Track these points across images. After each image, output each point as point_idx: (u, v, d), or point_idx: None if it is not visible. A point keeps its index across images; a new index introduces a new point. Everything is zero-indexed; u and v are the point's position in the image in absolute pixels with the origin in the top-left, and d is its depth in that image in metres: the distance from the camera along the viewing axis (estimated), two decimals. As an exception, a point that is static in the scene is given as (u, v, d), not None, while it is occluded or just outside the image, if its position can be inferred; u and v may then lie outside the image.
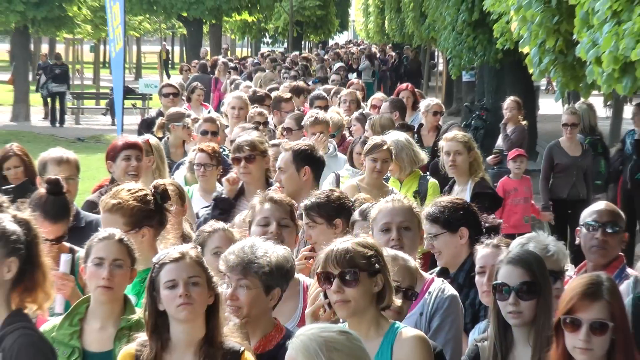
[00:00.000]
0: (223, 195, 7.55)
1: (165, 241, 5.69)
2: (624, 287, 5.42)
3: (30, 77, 37.67)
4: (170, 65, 44.46)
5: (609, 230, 5.72)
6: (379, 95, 14.23)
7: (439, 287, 5.28)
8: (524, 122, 13.63)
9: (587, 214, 5.80)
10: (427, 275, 5.43)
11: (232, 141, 8.82)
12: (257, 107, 11.54)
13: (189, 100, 13.88)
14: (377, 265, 4.30)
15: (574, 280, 4.39)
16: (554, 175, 11.64)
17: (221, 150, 9.06)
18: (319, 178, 7.49)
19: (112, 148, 7.61)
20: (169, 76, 43.22)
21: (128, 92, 27.54)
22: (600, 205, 5.92)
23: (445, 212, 5.83)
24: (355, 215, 5.87)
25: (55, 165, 6.93)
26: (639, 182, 12.46)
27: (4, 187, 6.97)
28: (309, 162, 7.18)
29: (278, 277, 4.65)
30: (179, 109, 11.55)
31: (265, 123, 10.95)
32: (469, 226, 5.83)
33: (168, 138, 10.52)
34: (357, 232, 5.39)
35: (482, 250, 5.25)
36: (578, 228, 5.86)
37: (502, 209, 10.96)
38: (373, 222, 5.56)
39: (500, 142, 13.36)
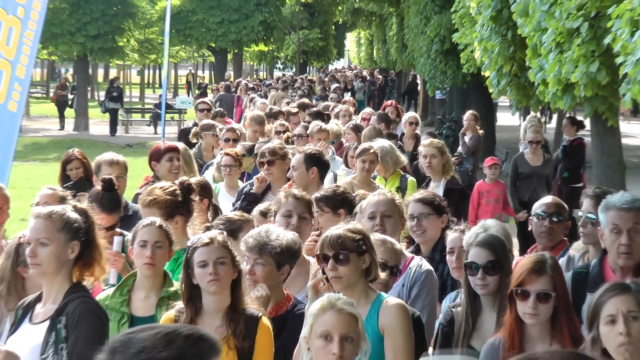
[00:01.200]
0: (252, 191, 7.53)
1: (193, 226, 5.68)
2: (560, 263, 5.40)
3: (88, 95, 37.79)
4: (198, 86, 44.53)
5: (555, 219, 5.68)
6: (368, 110, 14.21)
7: (418, 263, 5.25)
8: (480, 131, 13.61)
9: (538, 206, 5.77)
10: (408, 254, 5.42)
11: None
12: (280, 120, 11.56)
13: None
14: (364, 247, 4.25)
15: (523, 258, 4.39)
16: (518, 182, 11.47)
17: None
18: (324, 177, 7.46)
19: (156, 151, 7.50)
20: (188, 94, 43.22)
21: (167, 108, 27.63)
22: (548, 199, 5.89)
23: (437, 198, 5.93)
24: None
25: (108, 166, 6.91)
26: (564, 179, 12.45)
27: (65, 185, 6.97)
28: (317, 163, 7.13)
29: (288, 256, 4.62)
30: (210, 120, 11.53)
31: (286, 131, 10.93)
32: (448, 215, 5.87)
33: (201, 144, 10.51)
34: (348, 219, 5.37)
35: (451, 235, 5.24)
36: (530, 217, 5.85)
37: (477, 207, 10.93)
38: (363, 211, 5.56)
39: (460, 147, 13.38)
